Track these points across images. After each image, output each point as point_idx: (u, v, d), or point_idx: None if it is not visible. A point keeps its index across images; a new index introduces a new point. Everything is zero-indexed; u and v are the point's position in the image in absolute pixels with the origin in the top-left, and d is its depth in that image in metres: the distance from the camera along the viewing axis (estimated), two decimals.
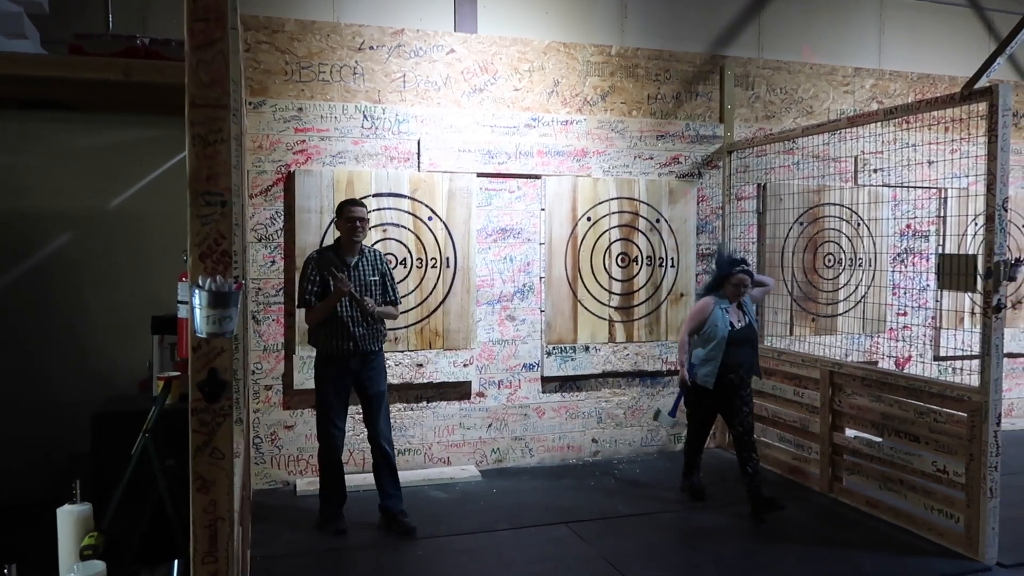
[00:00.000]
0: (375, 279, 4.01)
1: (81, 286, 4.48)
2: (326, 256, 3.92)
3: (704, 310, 4.32)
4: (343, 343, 3.90)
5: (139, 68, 2.90)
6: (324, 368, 3.98)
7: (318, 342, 3.97)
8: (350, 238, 3.92)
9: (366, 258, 4.02)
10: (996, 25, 6.43)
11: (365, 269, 3.99)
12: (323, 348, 3.95)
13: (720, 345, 4.22)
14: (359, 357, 3.95)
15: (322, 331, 3.93)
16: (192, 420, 1.63)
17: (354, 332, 3.91)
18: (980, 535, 3.63)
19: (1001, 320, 3.59)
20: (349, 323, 3.89)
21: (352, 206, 3.93)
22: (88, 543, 2.84)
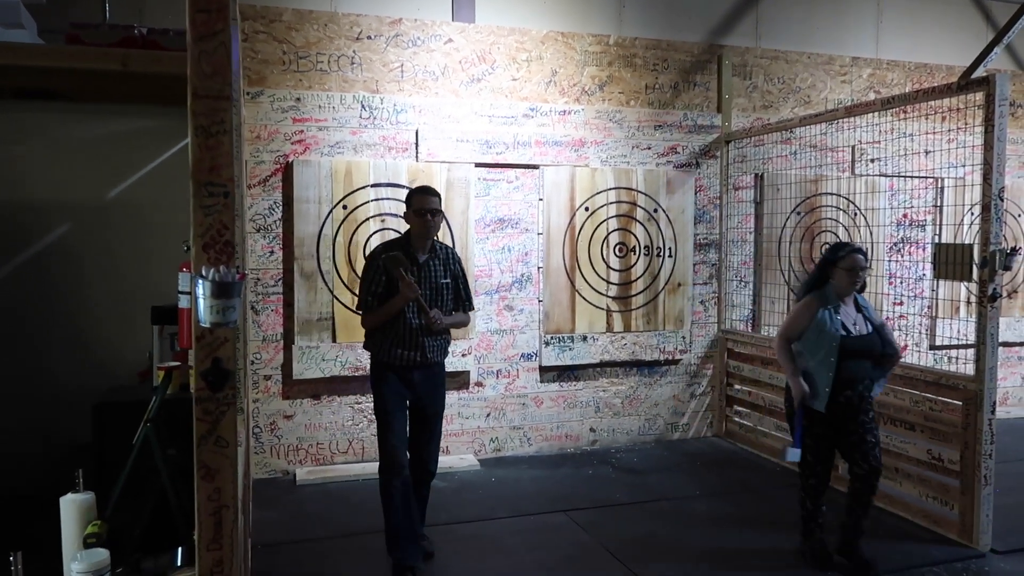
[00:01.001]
0: (446, 281, 3.51)
1: (81, 277, 4.49)
2: (394, 253, 3.38)
3: (804, 312, 3.47)
4: (408, 352, 3.41)
5: (137, 58, 2.89)
6: (382, 374, 3.46)
7: (376, 347, 3.45)
8: (421, 233, 3.43)
9: (438, 256, 3.51)
10: (994, 14, 6.43)
11: (436, 269, 3.49)
12: (382, 355, 3.43)
13: (830, 356, 3.36)
14: (423, 369, 3.46)
15: (382, 336, 3.42)
16: (196, 409, 1.65)
17: (421, 341, 3.41)
18: (975, 522, 3.66)
19: (996, 309, 3.61)
20: (417, 330, 3.40)
21: (424, 196, 3.42)
22: (91, 531, 2.87)
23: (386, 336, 3.42)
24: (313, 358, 4.66)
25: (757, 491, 4.52)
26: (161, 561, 2.97)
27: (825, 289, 3.46)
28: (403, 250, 3.39)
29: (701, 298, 5.60)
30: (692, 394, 5.60)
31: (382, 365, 3.45)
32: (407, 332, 3.40)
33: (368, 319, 3.46)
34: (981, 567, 3.49)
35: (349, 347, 4.70)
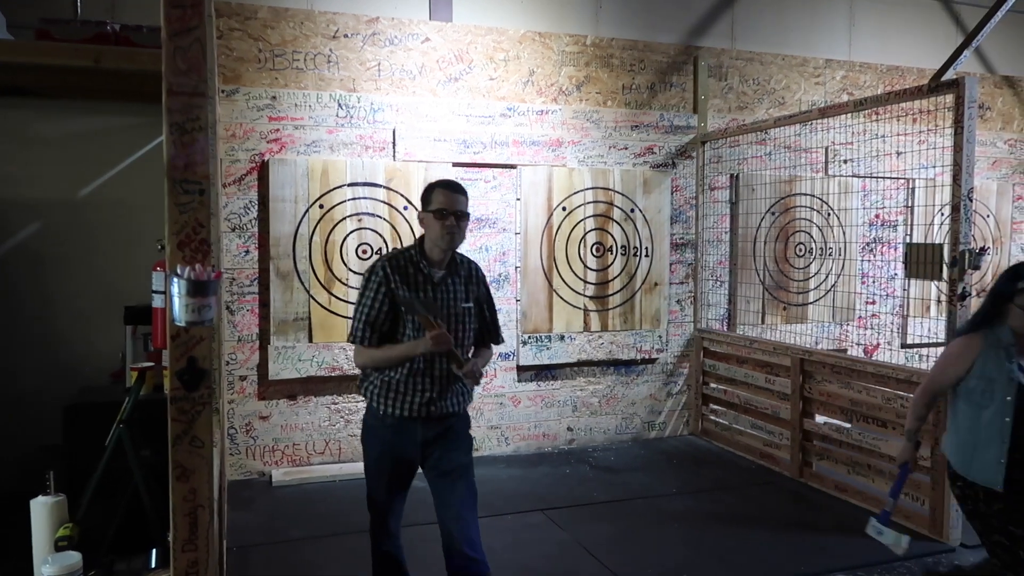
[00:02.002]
0: (467, 306, 2.69)
1: (51, 276, 4.42)
2: (402, 268, 2.61)
3: (964, 354, 2.74)
4: (414, 400, 2.59)
5: (110, 55, 2.85)
6: (377, 432, 2.67)
7: (373, 392, 2.64)
8: (440, 242, 2.59)
9: (458, 274, 2.70)
10: (963, 18, 6.55)
11: (456, 290, 2.67)
12: (381, 405, 2.62)
13: (1003, 415, 2.62)
14: (436, 422, 2.64)
15: (380, 379, 2.62)
16: (171, 408, 1.63)
17: (433, 386, 2.60)
18: (944, 517, 3.72)
19: (966, 308, 3.67)
20: (427, 372, 2.58)
21: (448, 192, 2.60)
22: (63, 534, 2.83)
23: (381, 378, 2.61)
24: (289, 358, 4.63)
25: (733, 489, 4.56)
26: (135, 563, 2.94)
27: (998, 328, 2.69)
28: (414, 264, 2.62)
29: (677, 297, 5.63)
30: (669, 393, 5.64)
31: (379, 419, 2.63)
32: (423, 374, 2.58)
33: (363, 356, 2.63)
34: (951, 561, 3.55)
35: (326, 347, 4.68)
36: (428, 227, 2.63)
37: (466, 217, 2.63)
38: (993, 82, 6.61)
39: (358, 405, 4.84)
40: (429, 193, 2.64)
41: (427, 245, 2.65)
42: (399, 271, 2.60)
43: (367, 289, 2.61)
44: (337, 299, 4.71)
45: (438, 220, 2.58)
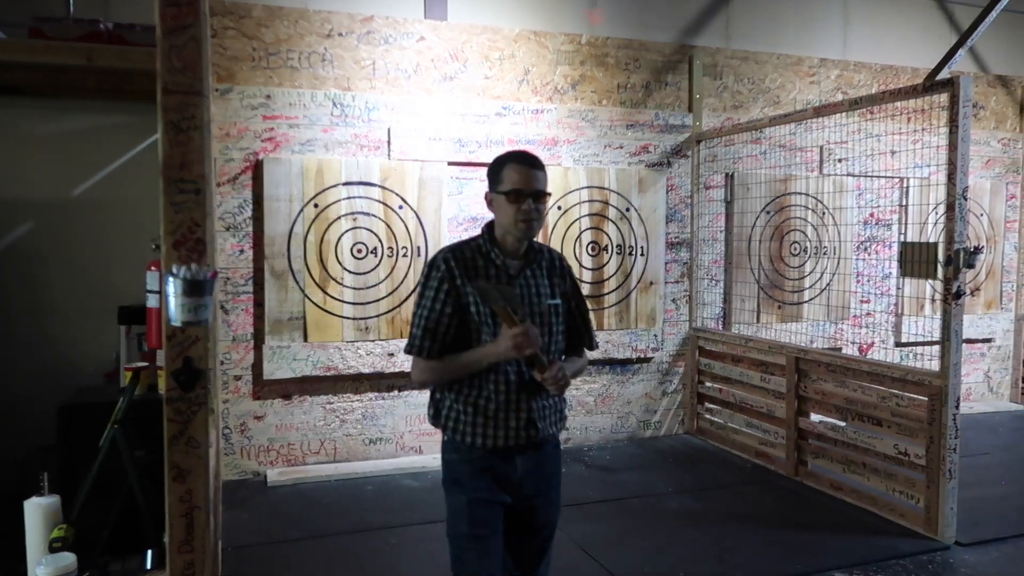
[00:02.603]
0: (554, 303, 2.24)
1: (44, 276, 4.40)
2: (470, 260, 2.19)
3: None
4: (510, 423, 2.16)
5: (102, 53, 2.85)
6: (464, 469, 2.19)
7: (450, 420, 2.20)
8: (515, 229, 2.16)
9: (539, 265, 2.27)
10: (957, 17, 6.56)
11: (538, 285, 2.24)
12: (465, 435, 2.17)
13: None
14: (533, 451, 2.22)
15: (459, 400, 2.18)
16: (167, 409, 1.62)
17: (529, 403, 2.17)
18: (939, 515, 3.73)
19: (960, 307, 3.68)
20: (522, 386, 2.16)
21: (525, 168, 2.15)
22: (57, 535, 2.81)
23: (466, 400, 2.16)
24: (284, 358, 4.61)
25: (729, 487, 4.56)
26: (129, 564, 2.93)
27: None
28: (483, 254, 2.20)
29: (673, 296, 5.64)
30: (664, 392, 5.64)
31: (467, 455, 2.17)
32: (506, 391, 2.15)
33: (422, 370, 2.18)
34: (946, 559, 3.56)
35: (321, 347, 4.66)
36: (499, 211, 2.18)
37: (546, 198, 2.18)
38: (987, 81, 6.63)
39: (353, 405, 4.83)
40: (499, 169, 2.19)
41: (498, 232, 2.21)
42: (465, 264, 2.16)
43: (426, 288, 2.15)
44: (332, 298, 4.70)
45: (512, 203, 2.12)
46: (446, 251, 2.22)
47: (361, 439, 4.85)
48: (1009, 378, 6.68)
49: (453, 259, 2.17)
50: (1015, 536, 3.77)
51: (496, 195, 2.20)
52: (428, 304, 2.16)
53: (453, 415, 2.19)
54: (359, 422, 4.84)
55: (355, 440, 4.84)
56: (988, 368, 6.62)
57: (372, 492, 4.38)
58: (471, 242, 2.26)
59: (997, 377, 6.66)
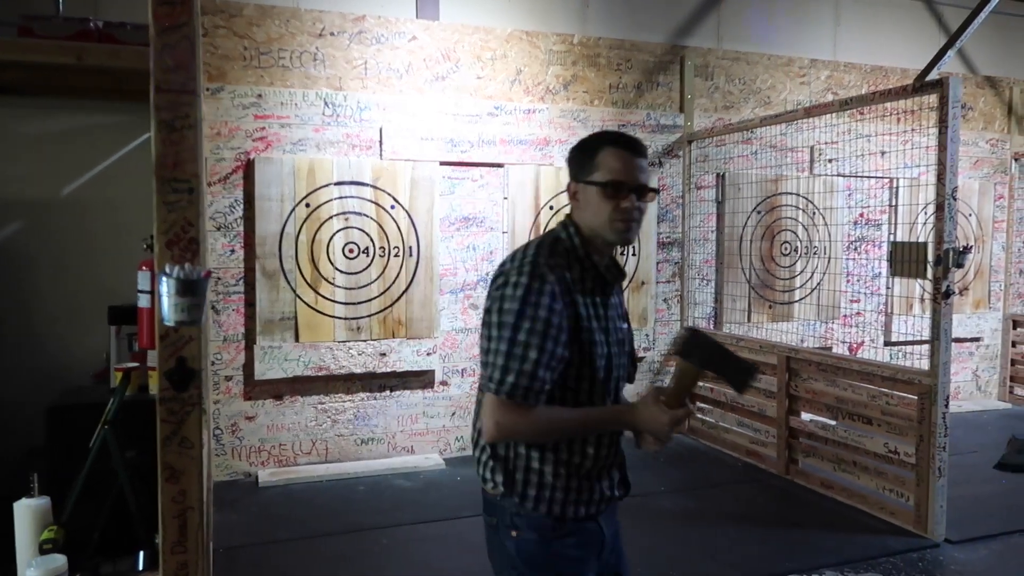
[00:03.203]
0: (624, 326, 1.86)
1: (33, 276, 4.37)
2: (573, 268, 1.72)
3: None
4: (603, 484, 1.81)
5: (93, 52, 2.83)
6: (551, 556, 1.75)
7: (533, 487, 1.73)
8: (611, 232, 1.72)
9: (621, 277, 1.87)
10: (946, 19, 6.61)
11: (620, 302, 1.88)
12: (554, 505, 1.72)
13: None
14: (612, 512, 1.91)
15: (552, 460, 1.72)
16: (160, 409, 1.62)
17: (621, 455, 1.88)
18: (929, 513, 3.76)
19: (950, 306, 3.71)
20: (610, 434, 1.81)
21: (624, 153, 1.71)
22: (47, 537, 2.80)
23: (558, 460, 1.72)
24: (275, 358, 4.60)
25: (720, 486, 4.58)
26: (120, 566, 2.91)
27: None
28: (579, 260, 1.73)
29: (664, 296, 5.65)
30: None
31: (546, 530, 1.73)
32: (607, 445, 1.79)
33: (524, 423, 1.64)
34: (936, 556, 3.58)
35: (312, 347, 4.65)
36: (587, 206, 1.72)
37: (652, 195, 1.74)
38: (975, 82, 6.68)
39: (344, 405, 4.82)
40: (592, 153, 1.72)
41: (587, 232, 1.74)
42: (573, 274, 1.71)
43: (530, 305, 1.60)
44: (324, 298, 4.69)
45: (609, 199, 1.68)
46: (543, 254, 1.68)
47: (353, 439, 4.84)
48: (997, 377, 6.73)
49: (557, 275, 1.64)
50: (1004, 533, 3.80)
51: (585, 186, 1.71)
52: (540, 329, 1.59)
53: (536, 479, 1.70)
54: (351, 422, 4.84)
55: (347, 440, 4.83)
56: (976, 367, 6.67)
57: (364, 492, 4.37)
58: (557, 243, 1.73)
59: (985, 376, 6.71)
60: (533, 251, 1.70)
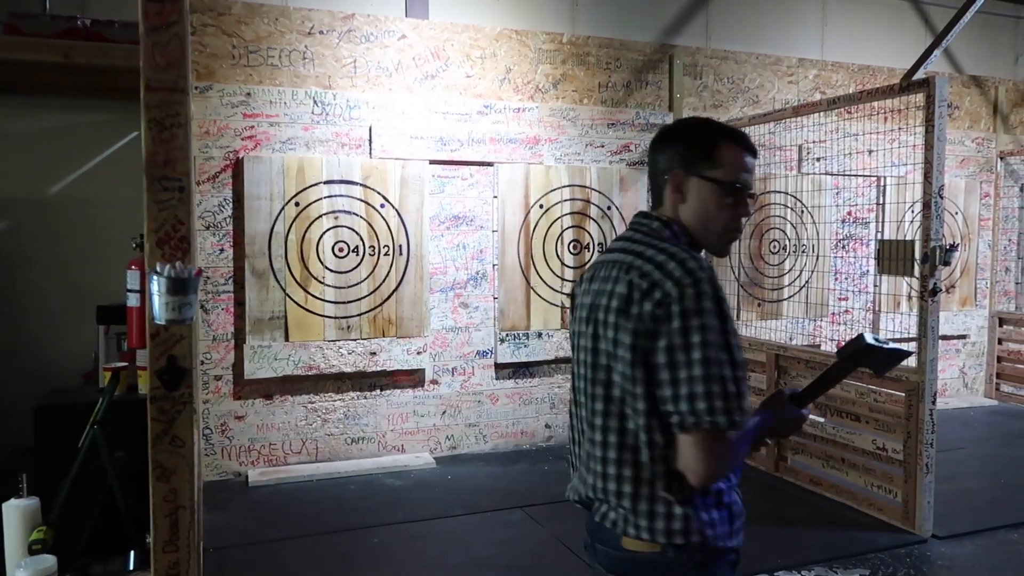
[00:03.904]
0: None
1: (20, 275, 4.34)
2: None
3: None
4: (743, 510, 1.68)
5: (80, 50, 2.81)
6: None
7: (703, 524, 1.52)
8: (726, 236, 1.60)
9: None
10: (932, 19, 6.65)
11: None
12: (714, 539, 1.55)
13: None
14: None
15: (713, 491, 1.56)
16: (151, 408, 1.61)
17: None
18: (917, 509, 3.79)
19: (937, 303, 3.74)
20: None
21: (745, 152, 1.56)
22: (37, 537, 2.78)
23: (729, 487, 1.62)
24: (265, 357, 4.59)
25: None
26: (110, 565, 2.90)
27: None
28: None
29: None
30: None
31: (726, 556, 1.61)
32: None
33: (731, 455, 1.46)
34: (923, 552, 3.61)
35: (302, 346, 4.64)
36: (701, 206, 1.55)
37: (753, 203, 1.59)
38: (961, 82, 6.73)
39: (335, 404, 4.81)
40: (712, 145, 1.54)
41: (700, 238, 1.58)
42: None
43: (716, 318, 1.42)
44: (313, 297, 4.68)
45: (729, 203, 1.53)
46: (697, 256, 1.48)
47: (343, 438, 4.84)
48: (983, 374, 6.79)
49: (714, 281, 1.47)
50: (990, 529, 3.84)
51: (700, 181, 1.52)
52: (735, 342, 1.44)
53: (706, 517, 1.52)
54: (341, 421, 4.83)
55: (337, 439, 4.82)
56: (963, 364, 6.72)
57: (354, 492, 4.37)
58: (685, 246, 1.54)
59: (972, 373, 6.77)
60: (690, 254, 1.46)
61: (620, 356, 1.46)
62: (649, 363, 1.42)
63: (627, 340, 1.44)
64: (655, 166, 1.62)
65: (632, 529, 1.50)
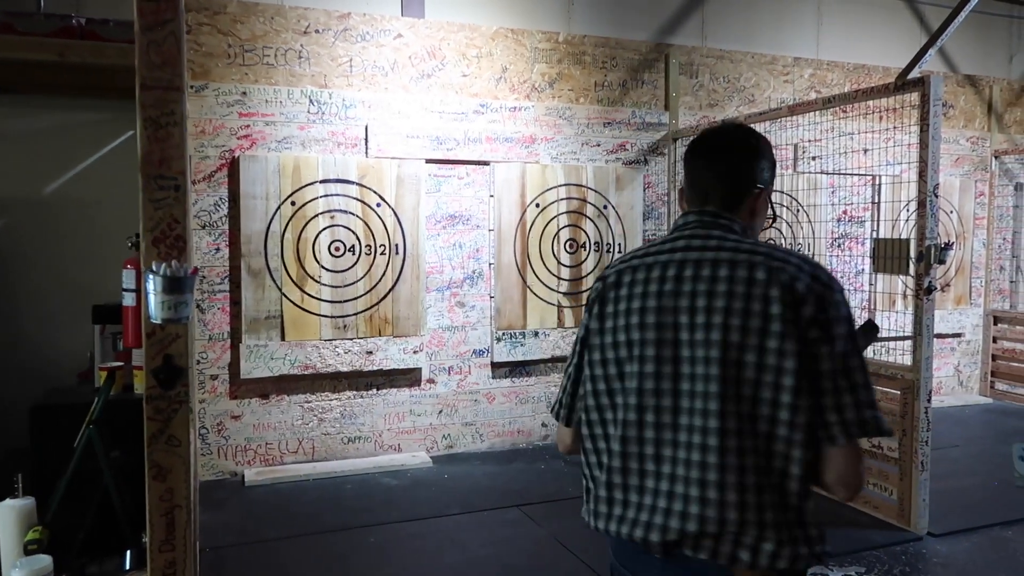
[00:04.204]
0: None
1: (15, 275, 4.33)
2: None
3: None
4: None
5: (75, 49, 2.82)
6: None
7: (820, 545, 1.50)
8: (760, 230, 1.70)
9: None
10: (927, 18, 6.67)
11: None
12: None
13: None
14: None
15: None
16: (147, 407, 1.61)
17: None
18: (912, 507, 3.80)
19: (932, 302, 3.75)
20: None
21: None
22: (32, 537, 2.78)
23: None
24: (261, 357, 4.58)
25: None
26: (106, 565, 2.90)
27: None
28: None
29: None
30: None
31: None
32: None
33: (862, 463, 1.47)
34: (919, 549, 3.63)
35: (298, 345, 4.64)
36: (761, 221, 1.67)
37: None
38: (956, 81, 6.75)
39: (331, 403, 4.81)
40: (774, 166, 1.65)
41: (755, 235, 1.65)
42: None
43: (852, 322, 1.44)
44: (310, 296, 4.68)
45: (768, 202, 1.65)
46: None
47: (339, 438, 4.84)
48: (978, 372, 6.81)
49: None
50: (985, 526, 3.85)
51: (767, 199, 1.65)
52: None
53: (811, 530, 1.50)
54: (337, 421, 4.83)
55: (333, 439, 4.82)
56: (958, 362, 6.74)
57: (351, 491, 4.37)
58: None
59: (967, 371, 6.79)
60: (816, 262, 1.48)
61: (779, 367, 1.35)
62: (812, 371, 1.36)
63: (793, 347, 1.35)
64: (739, 172, 1.58)
65: (766, 560, 1.38)
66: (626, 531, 1.43)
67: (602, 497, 1.47)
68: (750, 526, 1.37)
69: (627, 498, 1.44)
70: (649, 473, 1.41)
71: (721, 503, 1.35)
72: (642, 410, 1.41)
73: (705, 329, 1.39)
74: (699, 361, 1.38)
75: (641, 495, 1.42)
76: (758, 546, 1.37)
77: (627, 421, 1.43)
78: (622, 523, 1.43)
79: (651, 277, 1.48)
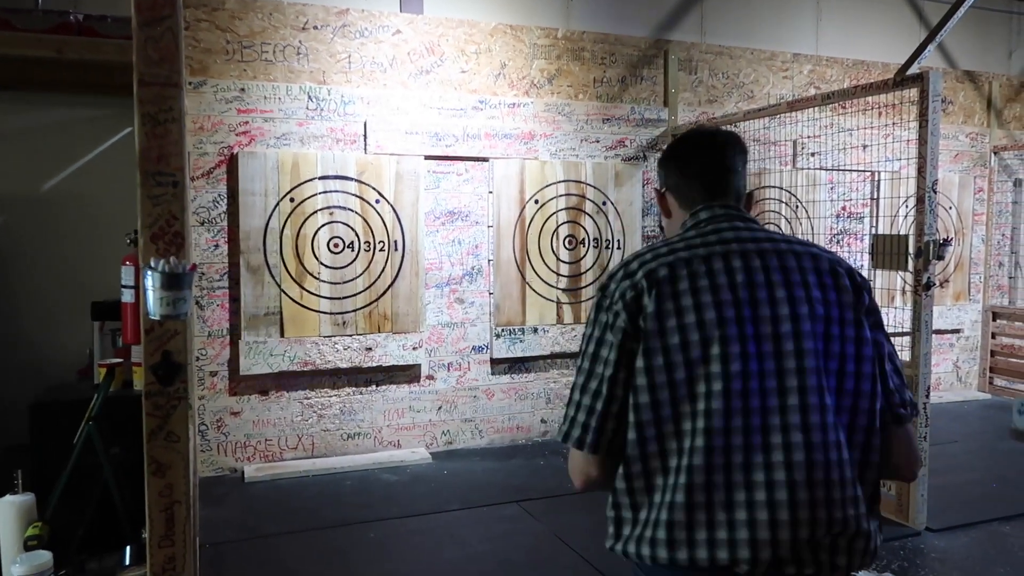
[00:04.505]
0: None
1: (14, 272, 4.33)
2: None
3: None
4: None
5: (73, 45, 2.81)
6: None
7: None
8: None
9: None
10: (927, 14, 6.67)
11: None
12: None
13: None
14: None
15: None
16: (146, 403, 1.61)
17: None
18: (910, 502, 3.81)
19: (930, 298, 3.75)
20: None
21: None
22: (32, 533, 2.79)
23: None
24: (261, 353, 4.59)
25: None
26: (106, 561, 2.90)
27: None
28: None
29: None
30: None
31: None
32: None
33: None
34: (917, 544, 3.63)
35: (297, 341, 4.64)
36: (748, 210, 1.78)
37: None
38: (955, 77, 6.74)
39: (330, 400, 4.82)
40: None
41: None
42: None
43: None
44: (309, 293, 4.68)
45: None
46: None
47: (339, 434, 4.84)
48: (977, 368, 6.82)
49: None
50: (984, 521, 3.86)
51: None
52: None
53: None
54: (337, 417, 4.83)
55: (333, 435, 4.83)
56: (957, 358, 6.75)
57: (350, 487, 4.37)
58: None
59: (965, 367, 6.79)
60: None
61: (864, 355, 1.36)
62: (879, 356, 1.40)
63: (867, 335, 1.39)
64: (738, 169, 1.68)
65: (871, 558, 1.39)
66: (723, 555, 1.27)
67: (679, 522, 1.28)
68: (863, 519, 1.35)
69: (713, 517, 1.28)
70: (737, 485, 1.27)
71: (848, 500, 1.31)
72: (729, 415, 1.28)
73: (794, 321, 1.33)
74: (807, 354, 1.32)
75: (730, 511, 1.28)
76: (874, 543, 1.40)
77: (711, 429, 1.28)
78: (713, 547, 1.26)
79: (714, 268, 1.38)
